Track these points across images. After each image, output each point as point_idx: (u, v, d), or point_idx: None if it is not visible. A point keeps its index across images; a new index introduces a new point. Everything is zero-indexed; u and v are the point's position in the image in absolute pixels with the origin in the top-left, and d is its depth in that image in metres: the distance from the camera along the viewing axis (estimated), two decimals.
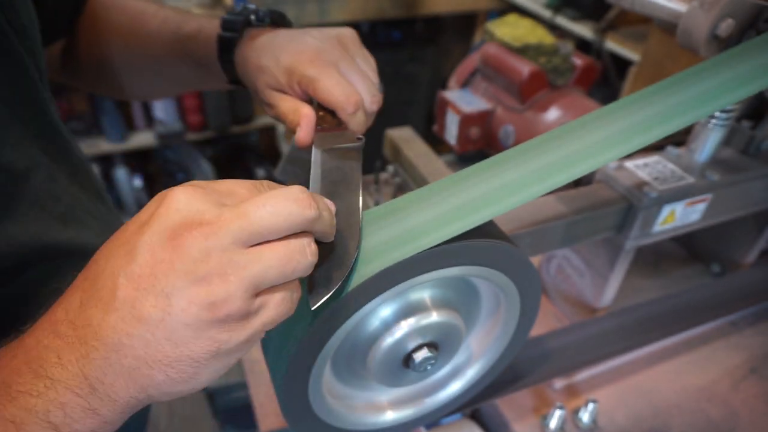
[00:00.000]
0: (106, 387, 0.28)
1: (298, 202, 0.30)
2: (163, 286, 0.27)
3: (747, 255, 0.82)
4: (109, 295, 0.27)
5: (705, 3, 0.51)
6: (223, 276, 0.28)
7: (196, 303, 0.27)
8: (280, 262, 0.29)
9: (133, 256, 0.27)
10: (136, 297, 0.27)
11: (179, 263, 0.27)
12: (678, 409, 0.67)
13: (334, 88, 0.48)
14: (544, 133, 0.44)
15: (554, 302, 0.81)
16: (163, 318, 0.27)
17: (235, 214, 0.28)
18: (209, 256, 0.27)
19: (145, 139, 2.25)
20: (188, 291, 0.27)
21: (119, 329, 0.27)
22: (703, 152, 0.67)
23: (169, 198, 0.29)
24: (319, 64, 0.49)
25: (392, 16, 2.13)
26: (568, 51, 0.93)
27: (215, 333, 0.28)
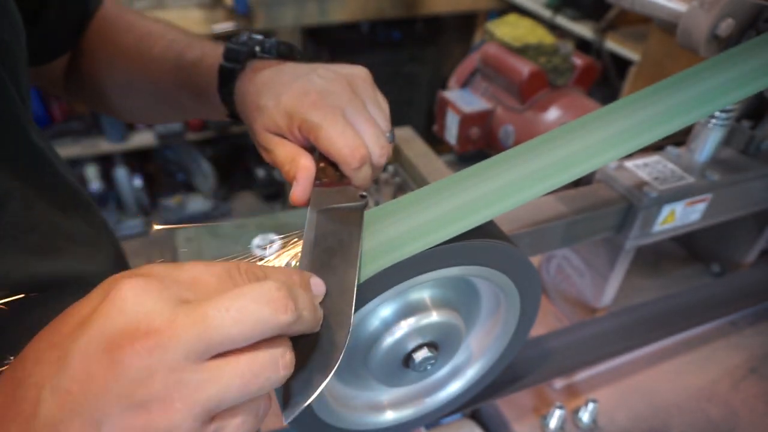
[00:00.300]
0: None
1: (271, 304, 0.25)
2: (93, 410, 0.23)
3: (747, 255, 0.82)
4: (32, 409, 0.23)
5: (705, 3, 0.51)
6: (166, 402, 0.23)
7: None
8: (243, 380, 0.24)
9: (64, 366, 0.23)
10: (61, 418, 0.23)
11: (114, 383, 0.23)
12: (678, 408, 0.67)
13: (339, 139, 0.42)
14: (544, 133, 0.44)
15: (554, 302, 0.81)
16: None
17: (191, 319, 0.24)
18: (152, 377, 0.23)
19: (145, 139, 2.25)
20: (122, 419, 0.23)
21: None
22: (703, 152, 0.67)
23: (114, 293, 0.24)
24: (324, 108, 0.43)
25: (392, 16, 2.13)
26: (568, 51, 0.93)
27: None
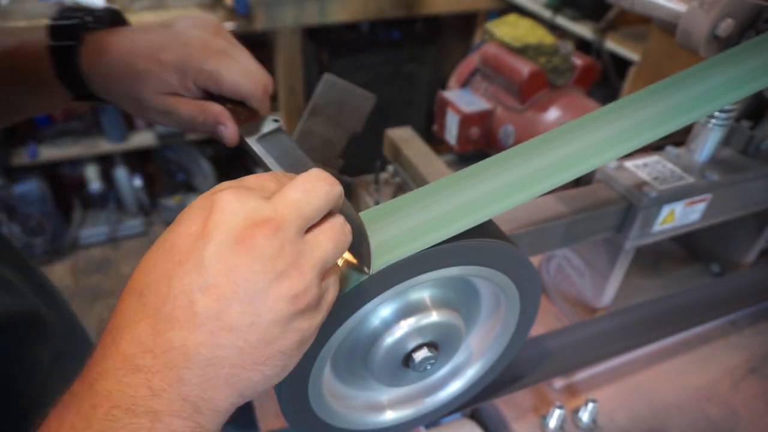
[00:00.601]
0: (208, 402, 0.27)
1: (325, 180, 0.31)
2: (245, 291, 0.27)
3: (747, 255, 0.82)
4: (187, 313, 0.26)
5: (705, 3, 0.51)
6: (298, 267, 0.28)
7: (282, 299, 0.27)
8: (334, 242, 0.30)
9: (203, 269, 0.27)
10: (220, 308, 0.27)
11: (256, 264, 0.27)
12: (678, 408, 0.67)
13: (243, 79, 0.45)
14: (544, 133, 0.44)
15: (554, 302, 0.81)
16: (253, 321, 0.27)
17: (287, 204, 0.29)
18: (283, 250, 0.28)
19: (145, 139, 2.25)
20: (271, 289, 0.27)
21: (209, 343, 0.27)
22: (702, 152, 0.67)
23: (220, 203, 0.28)
24: (212, 55, 0.44)
25: (392, 16, 2.13)
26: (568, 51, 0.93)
27: (299, 323, 0.29)
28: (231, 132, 0.46)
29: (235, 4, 1.84)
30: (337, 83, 0.67)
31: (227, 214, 0.27)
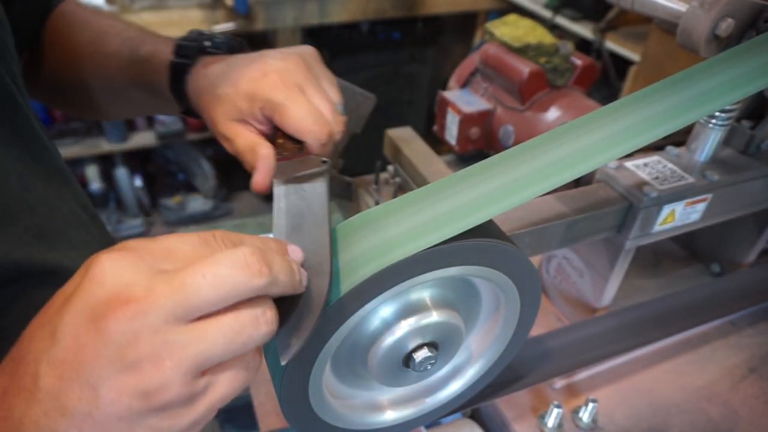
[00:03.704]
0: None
1: (246, 269, 0.26)
2: (88, 376, 0.24)
3: (747, 255, 0.82)
4: (32, 383, 0.24)
5: (705, 3, 0.51)
6: (156, 361, 0.25)
7: (127, 393, 0.24)
8: (227, 337, 0.26)
9: (56, 340, 0.24)
10: (60, 387, 0.24)
11: (104, 349, 0.24)
12: (677, 408, 0.67)
13: (305, 118, 0.44)
14: (544, 133, 0.44)
15: (554, 302, 0.81)
16: (91, 411, 0.24)
17: (169, 287, 0.25)
18: (138, 339, 0.24)
19: (146, 139, 2.25)
20: (116, 380, 0.24)
21: (42, 424, 0.24)
22: (702, 152, 0.67)
23: (93, 268, 0.25)
24: (284, 87, 0.45)
25: (392, 16, 2.13)
26: (568, 51, 0.93)
27: (155, 422, 0.25)
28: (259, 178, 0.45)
29: (235, 4, 1.84)
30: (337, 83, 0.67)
31: (93, 283, 0.25)
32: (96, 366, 0.24)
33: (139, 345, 0.24)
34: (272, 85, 0.45)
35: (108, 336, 0.24)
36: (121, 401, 0.24)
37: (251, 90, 0.45)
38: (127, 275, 0.25)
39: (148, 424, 0.25)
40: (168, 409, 0.25)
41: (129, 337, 0.24)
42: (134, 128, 2.27)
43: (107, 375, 0.24)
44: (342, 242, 0.38)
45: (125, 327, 0.24)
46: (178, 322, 0.25)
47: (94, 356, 0.24)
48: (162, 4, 1.81)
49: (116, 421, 0.24)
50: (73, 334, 0.24)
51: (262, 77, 0.45)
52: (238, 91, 0.45)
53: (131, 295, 0.24)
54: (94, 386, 0.24)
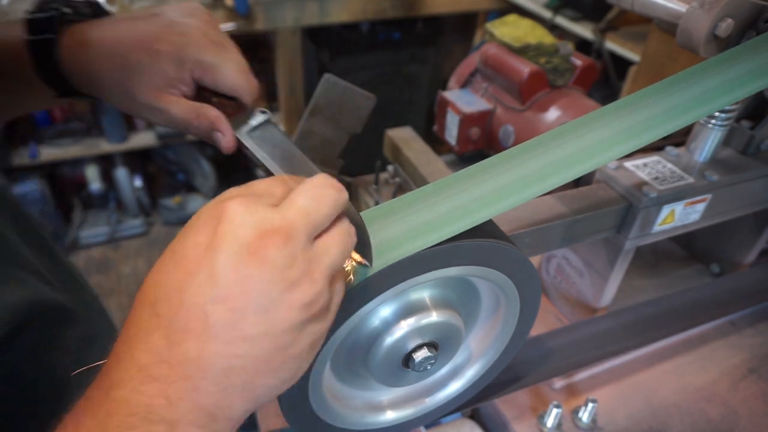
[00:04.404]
0: (224, 410, 0.28)
1: (335, 186, 0.31)
2: (258, 301, 0.27)
3: (747, 255, 0.82)
4: (201, 324, 0.26)
5: (705, 3, 0.51)
6: (310, 275, 0.28)
7: (295, 308, 0.28)
8: (341, 247, 0.31)
9: (215, 280, 0.27)
10: (234, 319, 0.27)
11: (268, 275, 0.27)
12: (677, 408, 0.67)
13: (238, 76, 0.44)
14: (543, 133, 0.44)
15: (554, 302, 0.81)
16: (267, 330, 0.27)
17: (296, 212, 0.29)
18: (294, 259, 0.28)
19: (146, 139, 2.25)
20: (284, 299, 0.27)
21: (225, 354, 0.27)
22: (702, 152, 0.67)
23: (228, 213, 0.28)
24: (211, 46, 0.43)
25: (392, 16, 2.13)
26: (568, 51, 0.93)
27: (311, 327, 0.29)
28: (228, 140, 0.44)
29: (235, 4, 1.84)
30: (337, 83, 0.67)
31: (237, 224, 0.27)
32: (264, 290, 0.27)
33: (296, 264, 0.28)
34: (198, 45, 0.42)
35: (269, 262, 0.27)
36: (290, 315, 0.28)
37: (176, 53, 0.42)
38: (260, 212, 0.28)
39: (307, 331, 0.29)
40: (321, 314, 0.30)
41: (287, 260, 0.27)
42: (134, 128, 2.27)
43: (276, 296, 0.27)
44: None
45: (282, 252, 0.27)
46: (312, 240, 0.29)
47: (261, 282, 0.27)
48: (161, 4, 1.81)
49: (287, 333, 0.28)
50: (234, 270, 0.27)
51: (184, 38, 0.42)
52: (159, 55, 0.42)
53: (274, 226, 0.28)
54: (266, 308, 0.27)
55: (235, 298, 0.27)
